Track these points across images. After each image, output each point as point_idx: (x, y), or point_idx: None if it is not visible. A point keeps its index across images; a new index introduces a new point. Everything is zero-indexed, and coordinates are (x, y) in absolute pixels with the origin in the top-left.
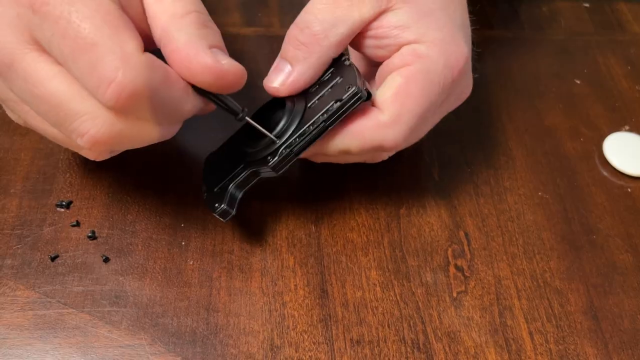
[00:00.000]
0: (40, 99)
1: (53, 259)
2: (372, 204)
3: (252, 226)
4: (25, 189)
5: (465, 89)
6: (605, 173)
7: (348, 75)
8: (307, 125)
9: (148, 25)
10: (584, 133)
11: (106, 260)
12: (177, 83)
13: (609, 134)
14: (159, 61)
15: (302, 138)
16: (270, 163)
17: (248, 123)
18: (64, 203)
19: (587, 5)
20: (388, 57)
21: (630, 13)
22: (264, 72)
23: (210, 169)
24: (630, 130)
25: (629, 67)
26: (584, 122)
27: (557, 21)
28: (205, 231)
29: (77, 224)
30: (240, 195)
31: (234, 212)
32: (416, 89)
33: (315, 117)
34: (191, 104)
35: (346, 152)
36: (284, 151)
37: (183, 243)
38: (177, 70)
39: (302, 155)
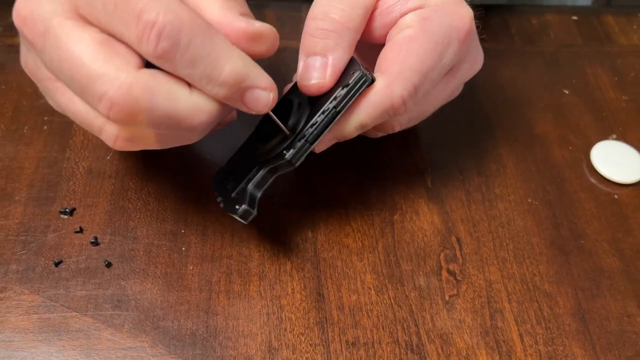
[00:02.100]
0: (66, 63)
1: (57, 264)
2: (366, 210)
3: (250, 232)
4: (30, 196)
5: (478, 58)
6: (593, 180)
7: (349, 63)
8: (317, 115)
9: None
10: (573, 142)
11: (108, 265)
12: (215, 35)
13: (596, 142)
14: (200, 15)
15: (314, 127)
16: (286, 156)
17: (269, 116)
18: (67, 210)
19: (575, 18)
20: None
21: (618, 25)
22: None
23: (222, 182)
24: (617, 139)
25: (616, 78)
26: (573, 131)
27: (546, 34)
28: (205, 237)
29: (80, 230)
30: (259, 195)
31: (255, 212)
32: (419, 47)
33: (325, 106)
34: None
35: (362, 127)
36: (298, 143)
37: (183, 249)
38: None
39: (320, 148)
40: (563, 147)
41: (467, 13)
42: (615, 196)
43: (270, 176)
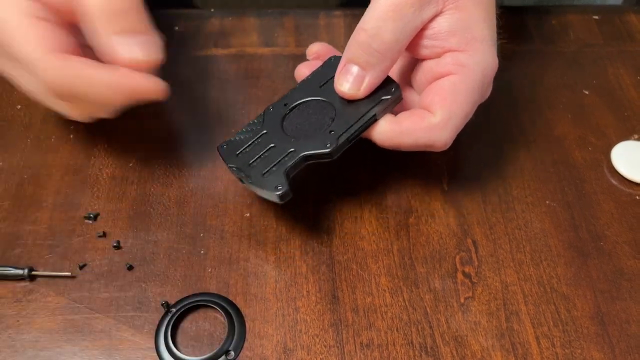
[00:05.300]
0: None
1: (81, 267)
2: (382, 213)
3: (266, 235)
4: (56, 202)
5: (490, 89)
6: (613, 181)
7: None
8: (359, 118)
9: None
10: (593, 142)
11: (130, 268)
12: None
13: (617, 142)
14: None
15: (357, 129)
16: (329, 150)
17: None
18: (91, 215)
19: (596, 17)
20: (429, 57)
21: None
22: (280, 89)
23: (237, 156)
24: (639, 139)
25: (639, 77)
26: (593, 131)
27: (567, 34)
28: (223, 241)
29: (104, 235)
30: (290, 177)
31: (291, 194)
32: (461, 95)
33: (367, 111)
34: None
35: (398, 147)
36: (340, 139)
37: (202, 252)
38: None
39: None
40: (583, 148)
41: (495, 64)
42: (637, 197)
43: (303, 163)
